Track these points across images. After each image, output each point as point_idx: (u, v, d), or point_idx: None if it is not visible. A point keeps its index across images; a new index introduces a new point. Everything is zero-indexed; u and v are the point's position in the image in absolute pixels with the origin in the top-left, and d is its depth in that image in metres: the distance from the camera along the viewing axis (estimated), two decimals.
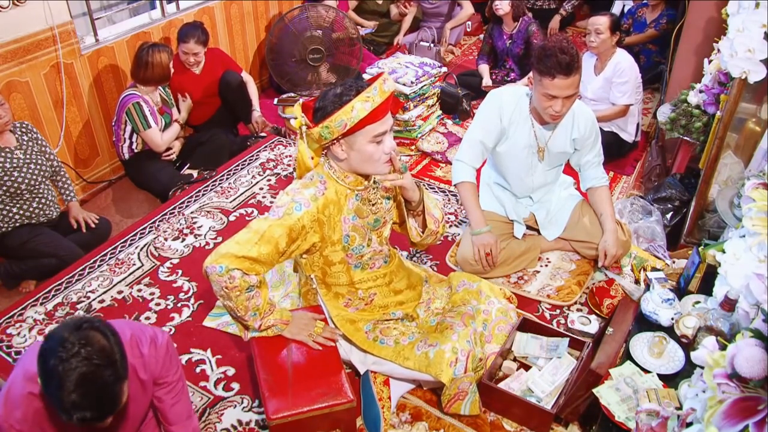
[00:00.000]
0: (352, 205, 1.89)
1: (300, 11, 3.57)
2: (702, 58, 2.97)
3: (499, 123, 2.43)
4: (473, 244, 2.49)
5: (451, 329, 2.01)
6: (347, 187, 1.87)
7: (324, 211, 1.82)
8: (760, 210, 1.70)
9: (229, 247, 1.76)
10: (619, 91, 3.41)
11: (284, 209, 1.77)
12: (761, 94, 2.36)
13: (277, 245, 1.76)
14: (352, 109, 1.67)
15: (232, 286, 1.75)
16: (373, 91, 1.68)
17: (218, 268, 1.73)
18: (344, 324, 2.02)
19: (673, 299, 2.11)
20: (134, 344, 1.52)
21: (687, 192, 2.85)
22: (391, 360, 1.98)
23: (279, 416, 1.74)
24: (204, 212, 3.06)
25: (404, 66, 3.90)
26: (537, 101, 2.32)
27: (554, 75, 2.17)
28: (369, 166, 1.81)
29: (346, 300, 2.02)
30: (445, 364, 1.90)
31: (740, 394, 1.11)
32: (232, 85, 3.66)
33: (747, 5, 2.15)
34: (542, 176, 2.61)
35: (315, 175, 1.86)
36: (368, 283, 2.02)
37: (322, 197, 1.81)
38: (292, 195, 1.80)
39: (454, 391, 1.93)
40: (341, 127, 1.69)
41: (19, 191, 2.63)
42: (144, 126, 3.16)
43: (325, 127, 1.70)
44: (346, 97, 1.69)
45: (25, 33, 2.89)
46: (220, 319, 2.41)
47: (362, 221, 1.92)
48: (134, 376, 1.51)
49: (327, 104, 1.71)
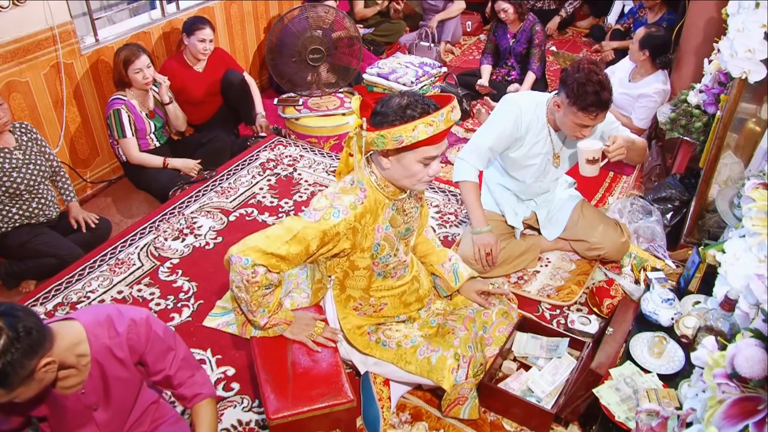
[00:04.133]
0: (387, 215, 1.87)
1: (299, 11, 3.57)
2: (702, 58, 2.97)
3: (515, 131, 2.41)
4: (473, 243, 2.49)
5: (452, 333, 2.00)
6: (386, 197, 1.85)
7: (360, 219, 1.79)
8: (760, 210, 1.70)
9: (258, 241, 1.74)
10: (640, 116, 3.50)
11: (322, 213, 1.74)
12: (761, 94, 2.36)
13: (308, 247, 1.74)
14: (414, 129, 1.63)
15: (254, 281, 1.74)
16: (439, 117, 1.65)
17: (244, 260, 1.72)
18: (351, 329, 2.01)
19: (673, 299, 2.11)
20: (110, 325, 1.53)
21: (687, 192, 2.85)
22: (392, 363, 1.98)
23: (279, 416, 1.74)
24: (204, 212, 3.06)
25: (404, 66, 3.90)
26: (565, 125, 2.29)
27: (595, 112, 2.16)
28: (408, 181, 1.78)
29: (357, 304, 2.01)
30: (447, 370, 1.90)
31: (740, 394, 1.11)
32: (235, 84, 3.66)
33: (747, 5, 2.15)
34: (552, 180, 2.62)
35: (356, 181, 1.81)
36: (383, 292, 2.01)
37: (361, 206, 1.78)
38: (332, 200, 1.77)
39: (455, 396, 1.93)
40: (397, 142, 1.65)
41: (19, 192, 2.63)
42: (119, 134, 3.15)
43: (381, 136, 1.66)
44: (410, 111, 1.65)
45: (25, 33, 2.88)
46: (220, 319, 2.41)
47: (394, 230, 1.91)
48: (110, 355, 1.52)
49: (389, 112, 1.67)
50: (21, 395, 1.36)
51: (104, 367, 1.53)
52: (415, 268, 2.11)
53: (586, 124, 2.22)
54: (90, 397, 1.55)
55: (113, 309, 1.57)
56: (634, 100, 3.52)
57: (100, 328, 1.52)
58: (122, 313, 1.56)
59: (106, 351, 1.52)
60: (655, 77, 3.48)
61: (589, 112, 2.16)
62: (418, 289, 2.11)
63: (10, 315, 1.31)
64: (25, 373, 1.33)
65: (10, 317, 1.31)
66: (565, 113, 2.25)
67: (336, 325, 2.03)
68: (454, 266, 2.19)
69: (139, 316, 1.58)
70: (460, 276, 2.17)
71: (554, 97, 2.32)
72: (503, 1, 4.04)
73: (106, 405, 1.59)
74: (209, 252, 2.80)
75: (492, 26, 4.33)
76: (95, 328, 1.51)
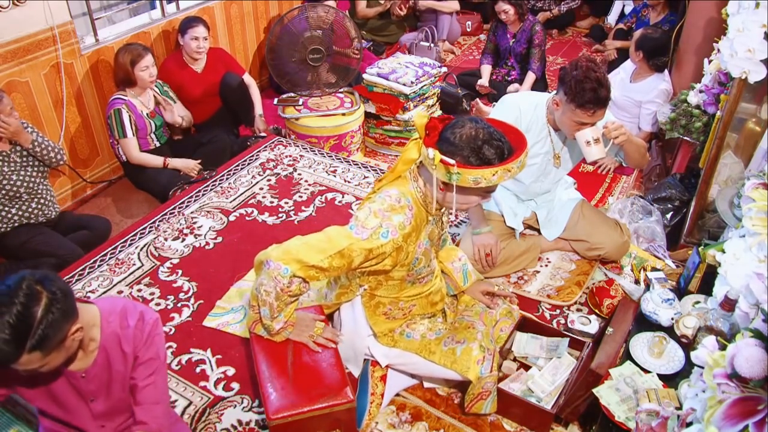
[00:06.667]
0: (428, 230, 1.86)
1: (299, 11, 3.57)
2: (702, 58, 2.97)
3: None
4: (473, 243, 2.49)
5: (473, 328, 2.00)
6: (430, 213, 1.83)
7: (407, 239, 1.77)
8: (760, 210, 1.70)
9: (301, 251, 1.69)
10: (647, 120, 3.52)
11: (371, 232, 1.70)
12: (761, 94, 2.36)
13: (351, 262, 1.71)
14: (494, 175, 1.60)
15: (287, 290, 1.71)
16: (516, 165, 1.63)
17: (284, 269, 1.67)
18: (382, 330, 2.00)
19: (673, 299, 2.11)
20: (123, 315, 1.56)
21: (687, 192, 2.85)
22: (416, 353, 1.97)
23: (279, 416, 1.74)
24: (204, 212, 3.06)
25: (404, 66, 3.90)
26: (564, 123, 2.29)
27: (592, 109, 2.16)
28: (458, 206, 1.75)
29: (387, 309, 1.99)
30: (473, 361, 1.89)
31: (740, 394, 1.11)
32: (233, 87, 3.66)
33: (747, 5, 2.15)
34: (553, 181, 2.62)
35: (402, 198, 1.75)
36: (412, 298, 2.00)
37: (409, 226, 1.74)
38: (381, 219, 1.71)
39: (479, 390, 1.91)
40: (474, 183, 1.62)
41: (18, 194, 2.63)
42: (120, 134, 3.16)
43: (457, 173, 1.60)
44: (486, 152, 1.61)
45: (25, 33, 2.89)
46: (220, 319, 2.41)
47: (431, 243, 1.90)
48: (117, 346, 1.54)
49: (463, 146, 1.61)
50: (51, 362, 1.39)
51: (109, 357, 1.55)
52: (437, 268, 2.10)
53: (584, 122, 2.22)
54: (90, 383, 1.56)
55: (129, 302, 1.61)
56: (634, 103, 3.53)
57: (113, 316, 1.55)
58: (135, 307, 1.59)
59: (114, 340, 1.54)
60: (654, 78, 3.48)
61: (587, 109, 2.16)
62: (441, 289, 2.11)
63: (47, 279, 1.36)
64: (62, 336, 1.37)
65: (47, 281, 1.36)
66: (564, 111, 2.25)
67: (366, 329, 2.00)
68: (464, 266, 2.18)
69: (149, 314, 1.60)
70: (469, 276, 2.17)
71: (554, 96, 2.32)
72: (504, 2, 4.04)
73: (106, 396, 1.59)
74: (209, 252, 2.80)
75: (492, 26, 4.33)
76: (109, 315, 1.55)
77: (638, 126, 3.58)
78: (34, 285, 1.34)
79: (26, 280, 1.34)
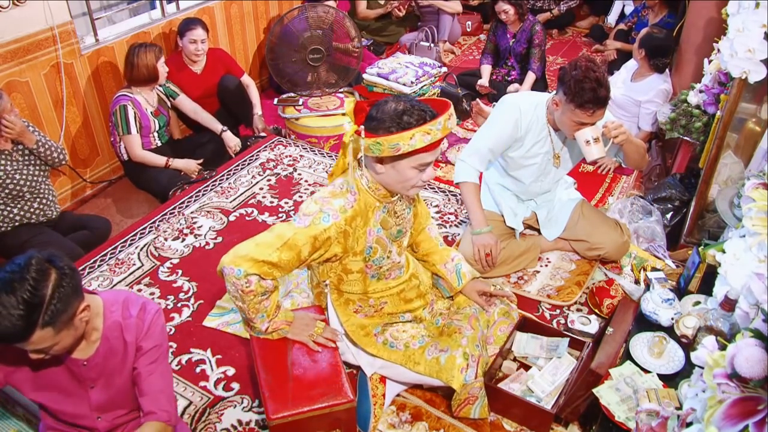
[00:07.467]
0: (378, 217, 1.86)
1: (299, 11, 3.57)
2: (702, 58, 2.97)
3: (515, 132, 2.41)
4: (473, 243, 2.49)
5: (459, 333, 2.00)
6: (377, 200, 1.83)
7: (351, 223, 1.78)
8: (760, 210, 1.70)
9: (249, 249, 1.72)
10: (646, 120, 3.52)
11: (311, 218, 1.73)
12: (761, 94, 2.36)
13: (299, 253, 1.73)
14: (411, 138, 1.61)
15: (248, 290, 1.74)
16: (437, 126, 1.63)
17: (236, 271, 1.71)
18: (354, 330, 2.00)
19: (673, 299, 2.11)
20: (126, 306, 1.60)
21: (687, 192, 2.85)
22: (401, 364, 1.97)
23: (279, 416, 1.73)
24: (204, 212, 3.06)
25: (404, 66, 3.90)
26: (564, 123, 2.29)
27: (592, 109, 2.16)
28: (400, 186, 1.77)
29: (357, 306, 2.01)
30: (456, 370, 1.90)
31: (740, 394, 1.11)
32: (231, 89, 3.66)
33: (747, 5, 2.15)
34: (553, 181, 2.62)
35: (345, 184, 1.80)
36: (381, 293, 2.00)
37: (351, 209, 1.77)
38: (321, 204, 1.75)
39: (465, 396, 1.92)
40: (394, 150, 1.63)
41: (21, 193, 2.63)
42: (124, 130, 3.16)
43: (377, 143, 1.64)
44: (407, 118, 1.63)
45: (25, 33, 2.89)
46: (220, 319, 2.41)
47: (386, 233, 1.90)
48: (119, 335, 1.58)
49: (385, 118, 1.65)
50: (61, 342, 1.41)
51: (112, 346, 1.57)
52: (411, 266, 2.10)
53: (584, 122, 2.22)
54: (91, 371, 1.57)
55: (132, 294, 1.66)
56: (634, 102, 3.53)
57: (116, 306, 1.59)
58: (138, 298, 1.64)
59: (116, 329, 1.56)
60: (654, 78, 3.48)
61: (586, 108, 2.17)
62: (418, 285, 2.10)
63: (54, 256, 1.41)
64: (72, 312, 1.40)
65: (55, 258, 1.41)
66: (563, 111, 2.25)
67: (339, 328, 2.02)
68: (457, 266, 2.18)
69: (151, 305, 1.63)
70: (463, 276, 2.17)
71: (553, 96, 2.32)
72: (504, 2, 4.04)
73: (105, 385, 1.60)
74: (209, 252, 2.80)
75: (492, 26, 4.33)
76: (112, 305, 1.59)
77: (638, 126, 3.58)
78: (44, 262, 1.37)
79: (35, 257, 1.37)
